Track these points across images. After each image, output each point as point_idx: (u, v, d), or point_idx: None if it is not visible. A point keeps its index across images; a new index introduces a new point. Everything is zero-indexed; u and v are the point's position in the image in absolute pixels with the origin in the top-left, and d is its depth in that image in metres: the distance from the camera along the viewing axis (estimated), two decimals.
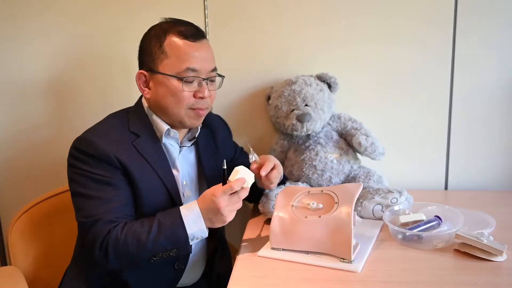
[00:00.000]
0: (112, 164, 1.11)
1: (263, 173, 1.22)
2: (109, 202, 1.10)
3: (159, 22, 1.20)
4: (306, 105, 1.45)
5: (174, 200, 1.19)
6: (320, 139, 1.47)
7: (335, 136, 1.50)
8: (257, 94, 1.61)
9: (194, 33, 1.17)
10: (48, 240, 1.37)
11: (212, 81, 1.21)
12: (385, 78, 1.58)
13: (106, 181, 1.11)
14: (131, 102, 1.28)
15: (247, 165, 1.21)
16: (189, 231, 1.07)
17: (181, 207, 1.11)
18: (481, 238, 1.08)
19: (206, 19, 1.56)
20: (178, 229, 1.07)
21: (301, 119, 1.42)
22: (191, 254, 1.25)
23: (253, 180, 1.12)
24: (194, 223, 1.08)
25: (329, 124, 1.52)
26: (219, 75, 1.23)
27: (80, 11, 1.58)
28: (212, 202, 1.07)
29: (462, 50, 1.54)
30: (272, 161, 1.27)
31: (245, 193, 1.10)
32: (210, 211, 1.08)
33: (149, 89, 1.19)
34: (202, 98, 1.17)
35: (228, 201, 1.07)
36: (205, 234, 1.10)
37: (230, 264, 1.36)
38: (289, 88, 1.47)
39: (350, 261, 1.07)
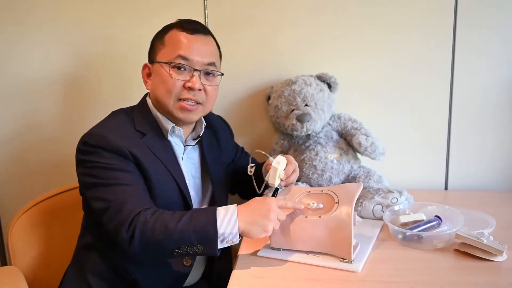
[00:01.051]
0: (125, 156, 1.11)
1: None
2: (131, 186, 1.09)
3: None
4: (306, 105, 1.45)
5: (185, 197, 1.19)
6: (320, 139, 1.47)
7: (335, 136, 1.50)
8: (257, 94, 1.61)
9: (195, 28, 1.19)
10: (48, 240, 1.37)
11: (208, 74, 1.20)
12: (385, 78, 1.58)
13: (121, 168, 1.10)
14: (135, 102, 1.28)
15: (247, 166, 1.21)
16: (220, 230, 1.02)
17: (218, 207, 1.07)
18: (481, 238, 1.08)
19: (206, 19, 1.56)
20: (209, 225, 1.02)
21: (301, 119, 1.42)
22: None
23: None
24: (228, 224, 1.03)
25: (329, 124, 1.52)
26: (219, 72, 1.23)
27: (85, 10, 1.58)
28: (264, 203, 1.06)
29: (462, 50, 1.54)
30: (293, 165, 1.25)
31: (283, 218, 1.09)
32: (257, 211, 1.05)
33: (150, 80, 1.22)
34: (191, 88, 1.16)
35: (278, 210, 1.06)
36: (236, 239, 1.05)
37: (231, 264, 1.36)
38: (289, 88, 1.47)
39: (350, 261, 1.07)
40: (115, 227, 1.05)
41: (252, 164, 1.19)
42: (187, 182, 1.25)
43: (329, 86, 1.52)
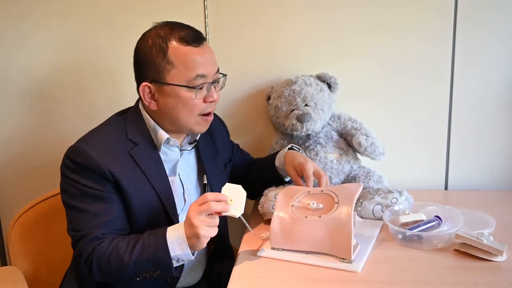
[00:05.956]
0: (104, 176, 1.08)
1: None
2: (98, 216, 1.08)
3: (153, 28, 1.14)
4: (306, 105, 1.46)
5: (169, 214, 1.16)
6: (320, 139, 1.47)
7: (335, 136, 1.50)
8: (257, 94, 1.61)
9: (195, 37, 1.13)
10: (48, 240, 1.37)
11: (218, 82, 1.19)
12: (385, 78, 1.58)
13: (97, 194, 1.09)
14: (129, 104, 1.26)
15: (245, 162, 1.20)
16: (172, 253, 1.03)
17: (168, 228, 1.06)
18: (481, 238, 1.08)
19: (206, 19, 1.56)
20: (161, 252, 1.03)
21: (301, 119, 1.42)
22: None
23: (242, 210, 1.08)
24: (179, 246, 1.04)
25: (329, 124, 1.52)
26: (222, 74, 1.21)
27: (77, 12, 1.58)
28: (187, 214, 1.03)
29: (462, 50, 1.54)
30: (311, 174, 1.25)
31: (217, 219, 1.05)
32: (185, 225, 1.04)
33: (155, 100, 1.14)
34: (211, 102, 1.16)
35: (198, 212, 1.02)
36: (191, 257, 1.06)
37: (231, 264, 1.36)
38: (289, 88, 1.48)
39: (350, 261, 1.07)
40: (76, 256, 1.10)
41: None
42: (185, 187, 1.23)
43: (329, 86, 1.52)
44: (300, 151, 1.40)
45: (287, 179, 1.40)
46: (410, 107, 1.59)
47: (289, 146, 1.39)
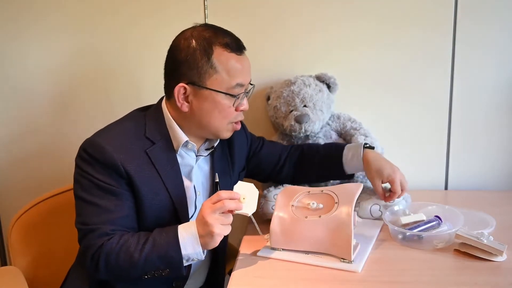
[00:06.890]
0: (119, 172, 1.07)
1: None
2: (109, 212, 1.07)
3: (195, 29, 1.12)
4: (305, 106, 1.46)
5: (179, 216, 1.15)
6: (319, 139, 1.47)
7: (334, 136, 1.50)
8: (257, 94, 1.61)
9: (239, 46, 1.13)
10: (48, 240, 1.37)
11: (249, 92, 1.20)
12: (385, 78, 1.58)
13: (110, 189, 1.07)
14: (139, 104, 1.25)
15: (274, 152, 1.21)
16: (184, 252, 1.03)
17: (179, 226, 1.05)
18: (481, 238, 1.08)
19: (206, 19, 1.56)
20: (172, 250, 1.02)
21: (299, 120, 1.42)
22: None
23: (254, 208, 1.08)
24: (191, 245, 1.03)
25: (328, 124, 1.52)
26: (251, 84, 1.20)
27: (82, 15, 1.58)
28: (200, 213, 1.03)
29: (462, 50, 1.54)
30: (399, 185, 1.22)
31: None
32: (198, 223, 1.04)
33: (188, 102, 1.12)
34: (242, 110, 1.16)
35: (212, 210, 1.02)
36: (202, 257, 1.05)
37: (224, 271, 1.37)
38: (288, 89, 1.48)
39: (350, 261, 1.07)
40: (83, 250, 1.07)
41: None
42: (197, 193, 1.21)
43: (328, 86, 1.52)
44: (376, 150, 1.35)
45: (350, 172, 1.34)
46: (410, 107, 1.59)
47: (364, 144, 1.32)
